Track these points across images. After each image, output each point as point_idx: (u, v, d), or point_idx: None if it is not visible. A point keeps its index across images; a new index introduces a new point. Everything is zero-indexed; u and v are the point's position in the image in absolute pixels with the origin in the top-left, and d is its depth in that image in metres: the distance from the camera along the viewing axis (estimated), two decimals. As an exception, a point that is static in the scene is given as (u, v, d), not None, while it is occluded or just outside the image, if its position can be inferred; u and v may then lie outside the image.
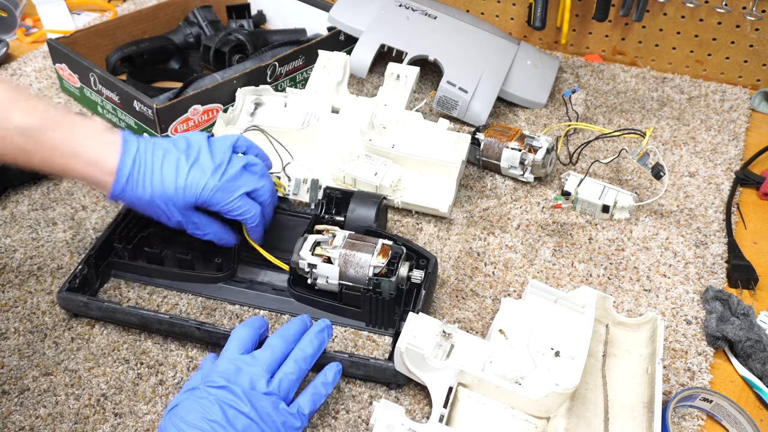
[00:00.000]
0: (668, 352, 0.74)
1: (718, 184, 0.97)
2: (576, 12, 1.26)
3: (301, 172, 0.87)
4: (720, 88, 1.19)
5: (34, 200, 0.91)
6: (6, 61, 1.23)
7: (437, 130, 0.95)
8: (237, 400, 0.57)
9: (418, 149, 0.93)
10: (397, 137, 0.94)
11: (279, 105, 1.01)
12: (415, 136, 0.95)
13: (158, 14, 1.24)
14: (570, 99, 1.13)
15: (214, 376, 0.58)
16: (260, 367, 0.60)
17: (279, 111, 1.00)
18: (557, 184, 0.97)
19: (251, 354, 0.61)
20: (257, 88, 1.00)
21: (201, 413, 0.55)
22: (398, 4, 1.15)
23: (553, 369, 0.65)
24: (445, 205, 0.88)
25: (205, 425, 0.55)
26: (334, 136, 0.97)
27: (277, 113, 1.00)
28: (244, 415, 0.56)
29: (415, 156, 0.91)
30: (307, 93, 1.00)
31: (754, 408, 0.70)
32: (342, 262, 0.72)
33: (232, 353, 0.61)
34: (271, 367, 0.61)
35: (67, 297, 0.73)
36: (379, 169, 0.89)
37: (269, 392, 0.58)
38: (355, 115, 0.98)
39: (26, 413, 0.66)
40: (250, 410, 0.56)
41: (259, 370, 0.59)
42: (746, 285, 0.82)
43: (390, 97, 0.98)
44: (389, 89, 0.99)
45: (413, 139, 0.94)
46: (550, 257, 0.85)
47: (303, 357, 0.62)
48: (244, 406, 0.56)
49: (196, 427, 0.55)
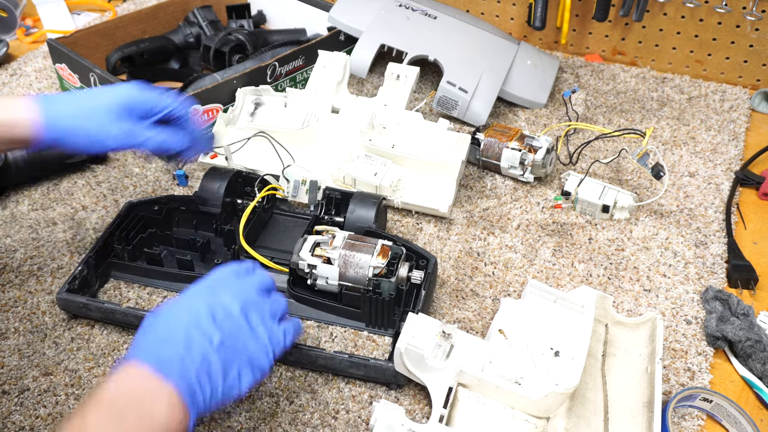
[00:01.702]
0: (668, 352, 0.74)
1: (718, 184, 0.97)
2: (576, 12, 1.26)
3: (300, 174, 0.87)
4: (720, 88, 1.19)
5: (34, 200, 0.91)
6: (6, 61, 1.23)
7: (437, 130, 0.95)
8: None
9: (418, 149, 0.93)
10: (397, 137, 0.94)
11: (279, 105, 1.01)
12: (415, 136, 0.95)
13: (158, 14, 1.24)
14: (570, 99, 1.13)
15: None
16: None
17: (279, 111, 1.00)
18: (557, 184, 0.97)
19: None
20: (257, 88, 1.00)
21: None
22: (398, 4, 1.15)
23: (553, 369, 0.65)
24: (445, 205, 0.88)
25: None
26: (334, 136, 0.97)
27: (277, 113, 1.00)
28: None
29: (415, 156, 0.91)
30: (307, 93, 1.00)
31: (754, 408, 0.70)
32: (342, 262, 0.72)
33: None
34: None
35: (66, 298, 0.73)
36: (379, 169, 0.89)
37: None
38: (355, 115, 0.98)
39: (26, 413, 0.66)
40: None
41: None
42: (746, 285, 0.82)
43: (390, 97, 0.98)
44: (389, 89, 0.99)
45: (413, 139, 0.94)
46: (550, 257, 0.85)
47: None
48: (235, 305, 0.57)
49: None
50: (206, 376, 0.53)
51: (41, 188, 0.93)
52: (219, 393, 0.54)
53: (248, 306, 0.58)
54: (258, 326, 0.58)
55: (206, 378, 0.53)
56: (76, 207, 0.90)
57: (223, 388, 0.54)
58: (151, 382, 0.50)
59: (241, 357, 0.56)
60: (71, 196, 0.92)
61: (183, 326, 0.54)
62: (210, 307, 0.56)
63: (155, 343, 0.53)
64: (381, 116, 0.95)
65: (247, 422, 0.66)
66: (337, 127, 0.97)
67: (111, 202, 0.91)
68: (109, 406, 0.49)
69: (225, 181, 0.82)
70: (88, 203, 0.91)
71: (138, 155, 1.00)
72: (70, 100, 0.68)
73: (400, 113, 0.96)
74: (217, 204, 0.82)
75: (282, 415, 0.67)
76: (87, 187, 0.94)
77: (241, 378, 0.55)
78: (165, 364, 0.51)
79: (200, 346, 0.53)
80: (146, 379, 0.51)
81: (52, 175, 0.95)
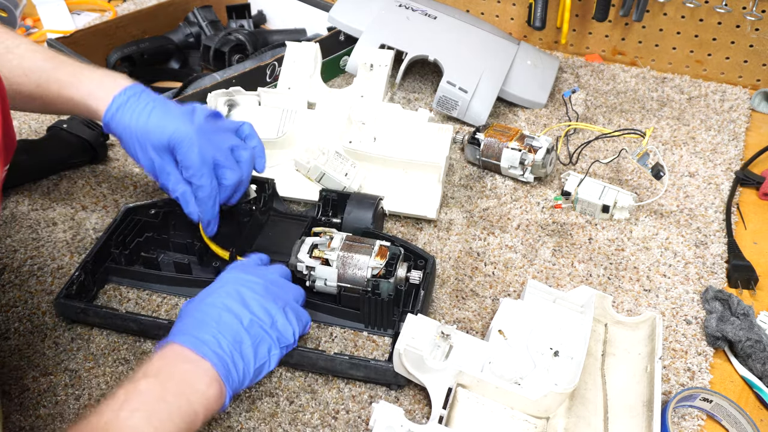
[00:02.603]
0: (668, 352, 0.74)
1: (718, 184, 0.97)
2: (576, 12, 1.26)
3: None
4: (720, 88, 1.19)
5: (34, 200, 0.91)
6: (6, 61, 1.23)
7: (418, 121, 0.93)
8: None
9: (400, 147, 0.90)
10: (377, 132, 0.92)
11: (253, 105, 0.98)
12: (396, 129, 0.92)
13: (158, 14, 1.24)
14: (570, 99, 1.13)
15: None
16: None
17: (254, 111, 0.97)
18: (557, 184, 0.97)
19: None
20: (227, 90, 0.97)
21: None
22: (398, 4, 1.15)
23: (553, 369, 0.65)
24: (433, 210, 0.87)
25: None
26: (311, 134, 0.94)
27: (252, 114, 0.97)
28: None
29: (397, 157, 0.89)
30: (279, 90, 0.97)
31: (754, 408, 0.70)
32: (340, 263, 0.72)
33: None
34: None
35: (65, 303, 0.73)
36: (350, 170, 0.87)
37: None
38: (331, 110, 0.95)
39: (26, 413, 0.66)
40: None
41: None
42: (746, 285, 0.82)
43: (365, 88, 0.94)
44: (363, 79, 0.95)
45: (394, 133, 0.92)
46: (550, 257, 0.85)
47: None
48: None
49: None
50: (239, 355, 0.59)
51: (41, 188, 0.93)
52: (251, 370, 0.59)
53: (273, 288, 0.65)
54: (284, 306, 0.64)
55: (239, 356, 0.59)
56: (76, 207, 0.90)
57: (255, 364, 0.60)
58: (191, 358, 0.56)
59: (270, 335, 0.61)
60: (71, 196, 0.92)
61: (216, 310, 0.60)
62: (238, 291, 0.62)
63: (191, 327, 0.59)
64: (358, 110, 0.92)
65: (247, 422, 0.66)
66: (314, 125, 0.95)
67: (111, 202, 0.91)
68: (155, 374, 0.55)
69: None
70: (88, 203, 0.91)
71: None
72: (140, 110, 0.71)
73: (378, 105, 0.93)
74: None
75: (282, 415, 0.67)
76: (87, 187, 0.94)
77: (270, 354, 0.61)
78: (201, 345, 0.57)
79: (232, 328, 0.59)
80: (186, 357, 0.57)
81: (52, 175, 0.95)
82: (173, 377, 0.55)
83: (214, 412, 0.57)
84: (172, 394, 0.54)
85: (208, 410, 0.56)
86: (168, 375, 0.55)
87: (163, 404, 0.53)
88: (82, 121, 0.98)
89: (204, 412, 0.55)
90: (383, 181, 0.90)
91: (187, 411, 0.54)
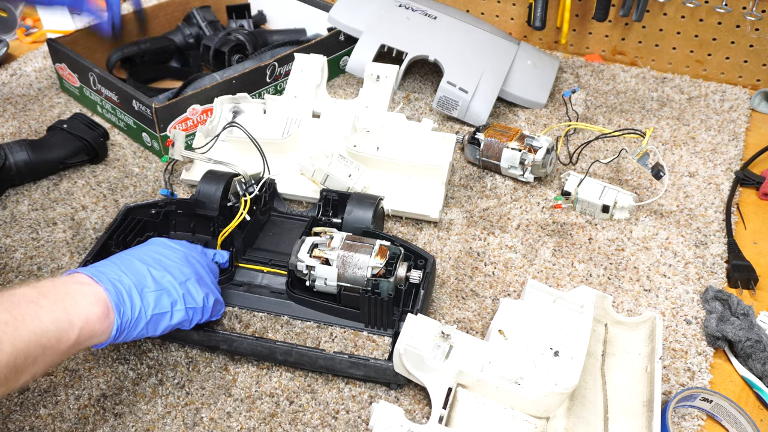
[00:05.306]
0: (668, 352, 0.74)
1: (718, 184, 0.97)
2: (576, 12, 1.26)
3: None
4: (720, 88, 1.19)
5: (34, 200, 0.91)
6: (6, 61, 1.23)
7: (421, 130, 0.94)
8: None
9: (403, 152, 0.91)
10: (381, 140, 0.93)
11: (258, 112, 0.98)
12: (400, 138, 0.93)
13: (158, 14, 1.24)
14: (570, 99, 1.13)
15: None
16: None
17: (258, 118, 0.98)
18: (557, 184, 0.97)
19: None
20: (234, 96, 0.97)
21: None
22: (398, 4, 1.15)
23: (553, 369, 0.65)
24: (435, 210, 0.87)
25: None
26: (316, 141, 0.95)
27: (256, 121, 0.97)
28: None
29: (401, 161, 0.90)
30: (286, 98, 0.98)
31: (754, 408, 0.70)
32: (340, 263, 0.71)
33: None
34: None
35: None
36: (353, 171, 0.87)
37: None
38: (336, 118, 0.96)
39: (26, 413, 0.66)
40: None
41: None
42: (746, 285, 0.82)
43: (371, 99, 0.96)
44: (370, 90, 0.97)
45: (397, 141, 0.93)
46: (550, 257, 0.85)
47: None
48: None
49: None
50: (138, 294, 0.59)
51: (41, 188, 0.93)
52: (148, 312, 0.59)
53: (193, 261, 0.66)
54: (198, 278, 0.65)
55: (137, 295, 0.59)
56: (76, 207, 0.90)
57: (153, 309, 0.60)
58: (85, 282, 0.57)
59: (177, 290, 0.62)
60: (71, 196, 0.92)
61: (130, 258, 0.62)
62: (158, 250, 0.65)
63: (99, 264, 0.61)
64: (363, 119, 0.93)
65: (247, 422, 0.66)
66: (319, 132, 0.96)
67: (111, 202, 0.91)
68: (37, 287, 0.54)
69: (222, 185, 0.82)
70: (88, 203, 0.91)
71: (137, 156, 1.00)
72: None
73: (383, 115, 0.94)
74: (215, 207, 0.81)
75: (282, 415, 0.67)
76: (87, 187, 0.94)
77: (174, 309, 0.61)
78: (100, 274, 0.58)
79: (139, 271, 0.61)
80: (80, 280, 0.57)
81: (52, 175, 0.95)
82: (56, 289, 0.55)
83: (95, 333, 0.55)
84: (48, 300, 0.53)
85: (88, 326, 0.54)
86: (51, 287, 0.55)
87: (32, 306, 0.52)
88: (82, 121, 0.98)
89: (81, 325, 0.53)
90: (386, 183, 0.91)
91: (60, 318, 0.52)
